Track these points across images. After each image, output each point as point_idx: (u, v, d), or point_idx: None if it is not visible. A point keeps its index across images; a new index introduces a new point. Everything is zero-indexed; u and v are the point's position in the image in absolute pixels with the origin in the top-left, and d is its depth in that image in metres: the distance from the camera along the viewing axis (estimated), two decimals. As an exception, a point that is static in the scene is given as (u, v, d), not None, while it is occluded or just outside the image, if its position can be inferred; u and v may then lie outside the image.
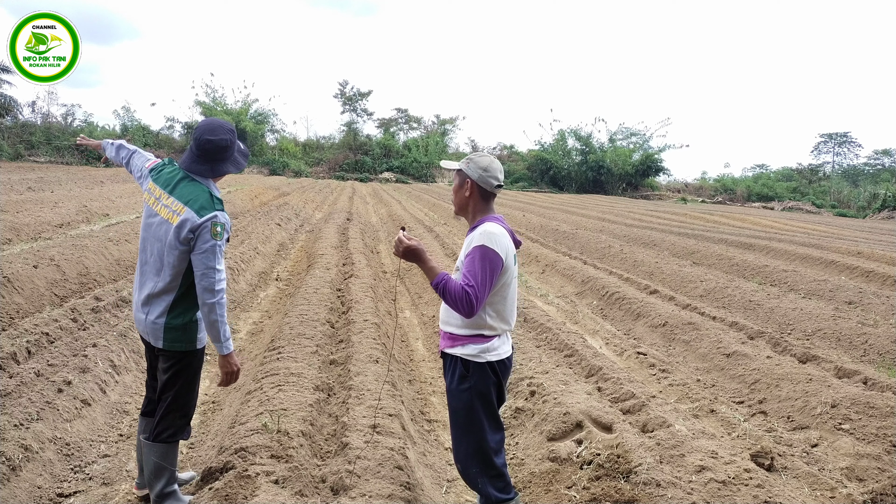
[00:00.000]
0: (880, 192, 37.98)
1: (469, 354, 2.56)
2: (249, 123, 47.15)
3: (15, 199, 12.12)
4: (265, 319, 6.70)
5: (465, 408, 2.59)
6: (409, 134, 56.96)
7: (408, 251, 2.56)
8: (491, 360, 2.56)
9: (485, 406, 2.58)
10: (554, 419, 3.86)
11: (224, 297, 2.72)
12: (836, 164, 64.51)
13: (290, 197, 21.18)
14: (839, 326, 6.36)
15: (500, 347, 2.60)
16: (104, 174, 26.22)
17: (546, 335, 6.04)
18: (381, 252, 11.74)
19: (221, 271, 2.70)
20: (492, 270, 2.46)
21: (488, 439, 2.59)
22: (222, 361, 2.84)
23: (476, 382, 2.56)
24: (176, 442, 2.93)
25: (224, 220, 2.72)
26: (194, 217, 2.65)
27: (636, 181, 50.09)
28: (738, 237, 14.35)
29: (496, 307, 2.56)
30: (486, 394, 2.57)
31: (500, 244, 2.49)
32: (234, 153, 2.84)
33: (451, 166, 2.73)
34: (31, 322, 5.06)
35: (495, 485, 2.60)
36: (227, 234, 2.75)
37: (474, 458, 2.61)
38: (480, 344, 2.56)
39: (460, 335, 2.58)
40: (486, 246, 2.46)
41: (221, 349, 2.79)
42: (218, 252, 2.69)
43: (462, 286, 2.42)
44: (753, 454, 3.67)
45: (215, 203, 2.73)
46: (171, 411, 2.87)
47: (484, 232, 2.51)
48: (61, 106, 54.28)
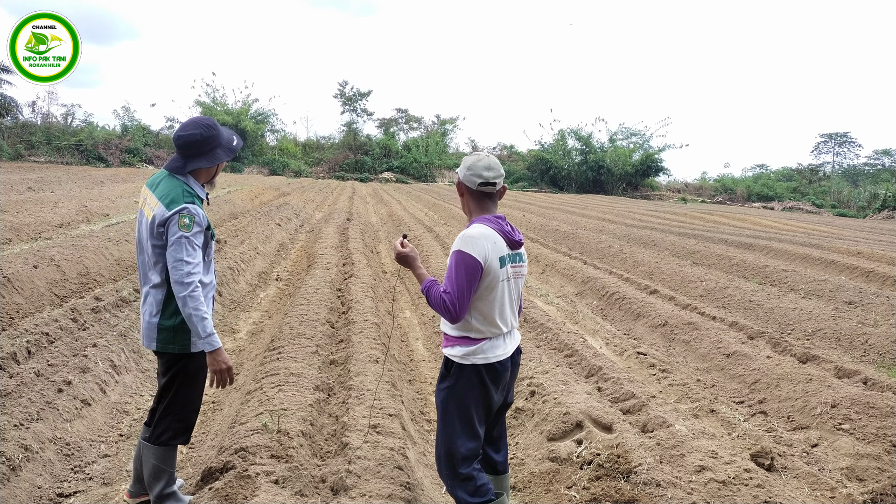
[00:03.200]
0: (880, 192, 37.97)
1: (454, 355, 2.54)
2: (249, 123, 47.16)
3: (15, 199, 12.13)
4: (265, 319, 6.70)
5: (441, 407, 2.59)
6: (409, 134, 57.00)
7: (399, 258, 2.68)
8: (477, 363, 2.51)
9: (460, 410, 2.53)
10: (554, 419, 3.86)
11: (196, 290, 2.66)
12: (836, 164, 64.54)
13: (290, 197, 21.19)
14: (839, 326, 6.36)
15: (491, 351, 2.53)
16: (104, 174, 26.23)
17: (546, 335, 6.04)
18: (381, 252, 11.74)
19: (192, 264, 2.67)
20: (468, 275, 2.41)
21: (458, 444, 2.52)
22: (209, 360, 2.77)
23: (454, 384, 2.53)
24: (174, 445, 2.93)
25: (194, 212, 2.70)
26: (164, 211, 2.68)
27: (636, 181, 50.08)
28: (738, 237, 14.34)
29: (482, 311, 2.50)
30: (462, 397, 2.52)
31: (477, 247, 2.43)
32: (210, 148, 2.81)
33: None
34: (31, 322, 5.06)
35: (465, 488, 2.52)
36: (199, 226, 2.72)
37: (442, 459, 2.58)
38: (466, 346, 2.52)
39: (451, 336, 2.58)
40: (461, 251, 2.43)
41: (204, 346, 2.73)
42: (186, 244, 2.66)
43: (440, 293, 2.44)
44: (753, 454, 3.67)
45: (185, 196, 2.73)
46: (168, 415, 2.86)
47: (463, 236, 2.48)
48: (61, 106, 54.37)
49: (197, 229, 2.71)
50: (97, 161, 37.72)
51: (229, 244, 9.70)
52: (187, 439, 2.99)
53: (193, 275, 2.66)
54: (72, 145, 38.17)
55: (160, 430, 2.86)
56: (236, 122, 45.93)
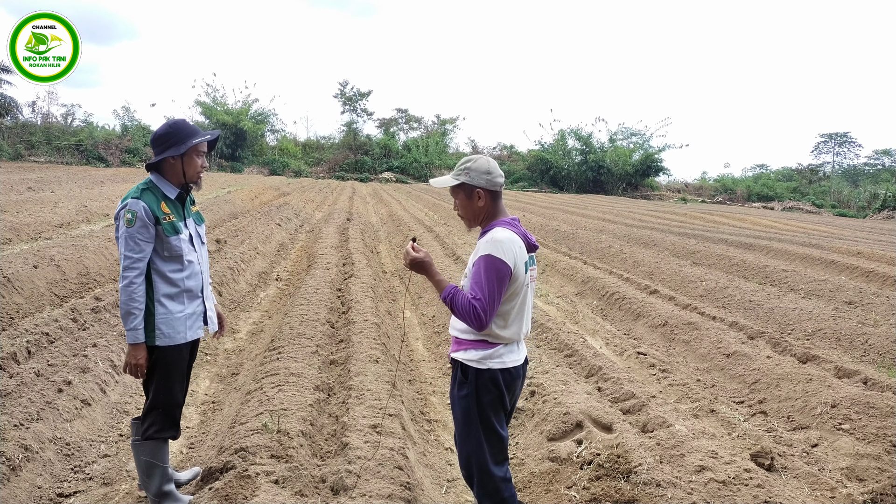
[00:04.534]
0: (880, 192, 37.98)
1: (470, 359, 2.48)
2: (249, 123, 47.14)
3: (15, 199, 12.13)
4: (265, 319, 6.70)
5: (463, 414, 2.51)
6: (410, 134, 57.03)
7: (414, 263, 2.52)
8: (493, 367, 2.46)
9: (482, 415, 2.48)
10: (554, 419, 3.87)
11: (131, 285, 2.72)
12: (836, 164, 64.54)
13: (290, 197, 21.19)
14: (839, 326, 6.36)
15: (507, 356, 2.49)
16: (104, 174, 26.23)
17: (546, 335, 6.04)
18: (381, 252, 11.74)
19: (131, 258, 2.73)
20: (499, 281, 2.36)
21: (485, 450, 2.48)
22: (127, 350, 2.83)
23: (474, 390, 2.47)
24: (164, 440, 2.95)
25: (135, 208, 2.74)
26: (117, 208, 2.82)
27: (636, 181, 50.08)
28: (738, 237, 14.34)
29: (504, 316, 2.47)
30: (484, 402, 2.47)
31: (507, 252, 2.38)
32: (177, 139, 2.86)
33: (446, 184, 2.56)
34: (31, 322, 5.06)
35: (493, 498, 2.50)
36: (143, 221, 2.75)
37: (472, 469, 2.52)
38: (483, 350, 2.47)
39: (465, 339, 2.51)
40: (492, 255, 2.36)
41: (128, 337, 2.80)
42: (127, 239, 2.74)
43: (469, 300, 2.35)
44: (753, 454, 3.67)
45: (134, 192, 2.81)
46: (153, 408, 2.91)
47: (491, 240, 2.42)
48: (61, 106, 54.44)
49: (139, 224, 2.75)
50: (97, 161, 37.70)
51: (229, 244, 9.70)
52: (175, 434, 3.00)
53: (130, 269, 2.74)
54: (72, 145, 38.15)
55: (147, 424, 2.91)
56: (236, 122, 45.92)
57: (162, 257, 2.84)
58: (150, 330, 2.82)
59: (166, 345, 2.86)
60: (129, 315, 2.74)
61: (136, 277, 2.74)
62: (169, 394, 2.92)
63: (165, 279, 2.85)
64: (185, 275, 2.91)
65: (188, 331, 2.93)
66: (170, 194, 2.91)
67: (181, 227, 2.91)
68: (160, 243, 2.82)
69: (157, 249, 2.83)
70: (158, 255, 2.84)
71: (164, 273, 2.84)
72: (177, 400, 2.97)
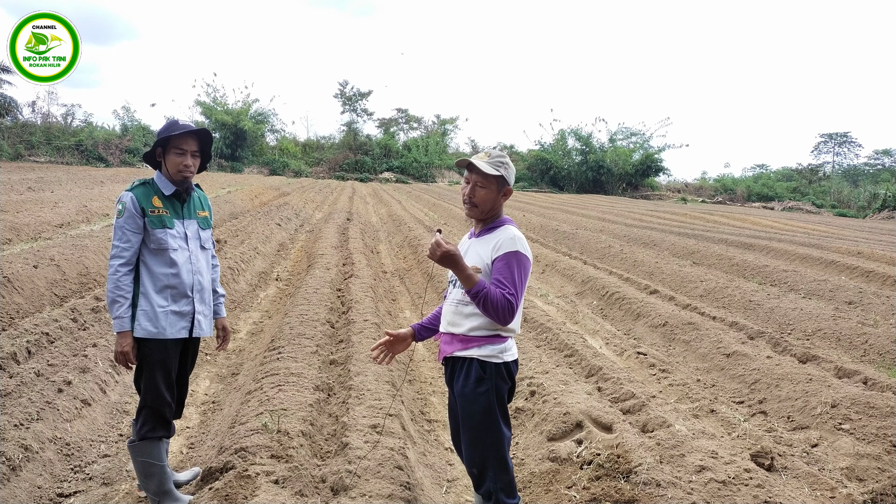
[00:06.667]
0: (880, 192, 37.97)
1: (486, 355, 2.50)
2: (249, 123, 47.14)
3: (15, 199, 12.13)
4: (265, 319, 6.70)
5: (483, 411, 2.50)
6: (410, 134, 57.08)
7: (445, 256, 2.41)
8: (507, 360, 2.55)
9: (501, 408, 2.55)
10: (554, 419, 3.86)
11: (116, 274, 2.84)
12: (836, 164, 64.55)
13: (290, 197, 21.19)
14: (839, 326, 6.36)
15: (514, 348, 2.62)
16: (104, 174, 26.23)
17: (546, 335, 6.04)
18: (381, 252, 11.74)
19: (118, 247, 2.85)
20: (525, 276, 2.50)
21: (504, 443, 2.55)
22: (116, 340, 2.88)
23: (494, 384, 2.51)
24: (157, 438, 2.94)
25: (124, 199, 2.87)
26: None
27: (636, 181, 50.08)
28: (738, 237, 14.34)
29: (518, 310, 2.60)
30: (502, 395, 2.55)
31: (528, 248, 2.55)
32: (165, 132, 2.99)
33: (487, 170, 2.53)
34: (31, 322, 5.06)
35: (507, 491, 2.55)
36: (130, 212, 2.85)
37: (490, 462, 2.52)
38: (498, 344, 2.52)
39: (476, 336, 2.51)
40: (520, 252, 2.48)
41: (114, 325, 2.86)
42: (116, 229, 2.87)
43: (504, 295, 2.40)
44: (753, 454, 3.66)
45: (129, 186, 2.94)
46: (144, 406, 2.93)
47: (514, 237, 2.51)
48: (61, 106, 54.46)
49: (127, 215, 2.86)
50: (97, 161, 37.70)
51: (229, 244, 9.69)
52: (167, 434, 2.99)
53: (117, 258, 2.85)
54: (72, 145, 38.16)
55: (140, 423, 2.93)
56: (236, 122, 45.93)
57: (150, 250, 2.91)
58: (132, 320, 2.88)
59: (145, 337, 2.89)
60: (114, 303, 2.83)
61: (122, 266, 2.84)
62: (156, 391, 2.91)
63: (151, 273, 2.92)
64: (171, 271, 2.93)
65: (169, 327, 2.92)
66: (165, 191, 2.98)
67: (171, 223, 2.95)
68: (147, 235, 2.91)
69: (145, 242, 2.91)
70: (147, 247, 2.91)
71: (150, 266, 2.92)
72: (164, 398, 2.94)
